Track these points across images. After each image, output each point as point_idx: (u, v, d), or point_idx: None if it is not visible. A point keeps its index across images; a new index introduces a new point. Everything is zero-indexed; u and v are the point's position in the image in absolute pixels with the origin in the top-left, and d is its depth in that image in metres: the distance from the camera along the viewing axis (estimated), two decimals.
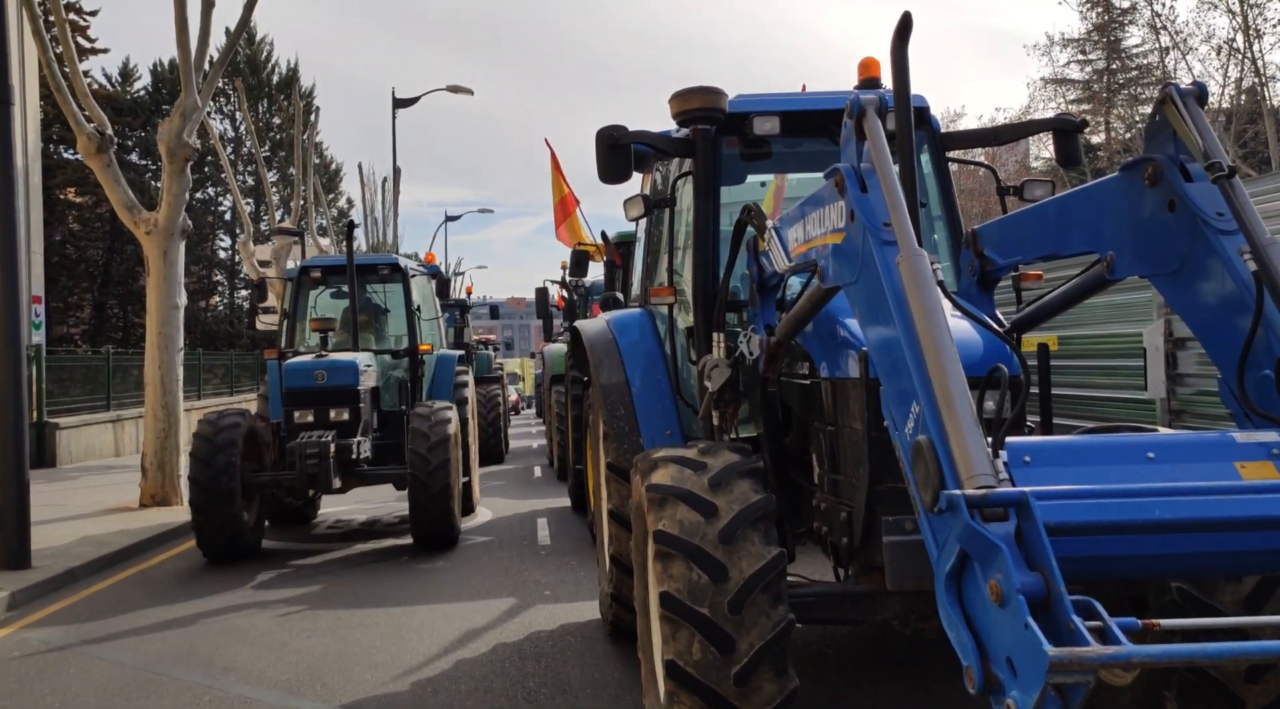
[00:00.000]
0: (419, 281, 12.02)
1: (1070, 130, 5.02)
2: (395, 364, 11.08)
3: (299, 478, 9.13)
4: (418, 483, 9.06)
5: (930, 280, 2.86)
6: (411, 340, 11.10)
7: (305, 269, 11.46)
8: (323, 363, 9.66)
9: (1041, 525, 2.30)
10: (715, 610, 3.52)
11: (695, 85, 4.85)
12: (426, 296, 12.25)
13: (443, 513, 9.21)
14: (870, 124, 3.24)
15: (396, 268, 11.54)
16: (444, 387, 11.37)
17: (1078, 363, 7.18)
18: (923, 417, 2.76)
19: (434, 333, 12.23)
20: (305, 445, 9.08)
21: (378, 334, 11.83)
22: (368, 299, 11.83)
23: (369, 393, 10.03)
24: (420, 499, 9.11)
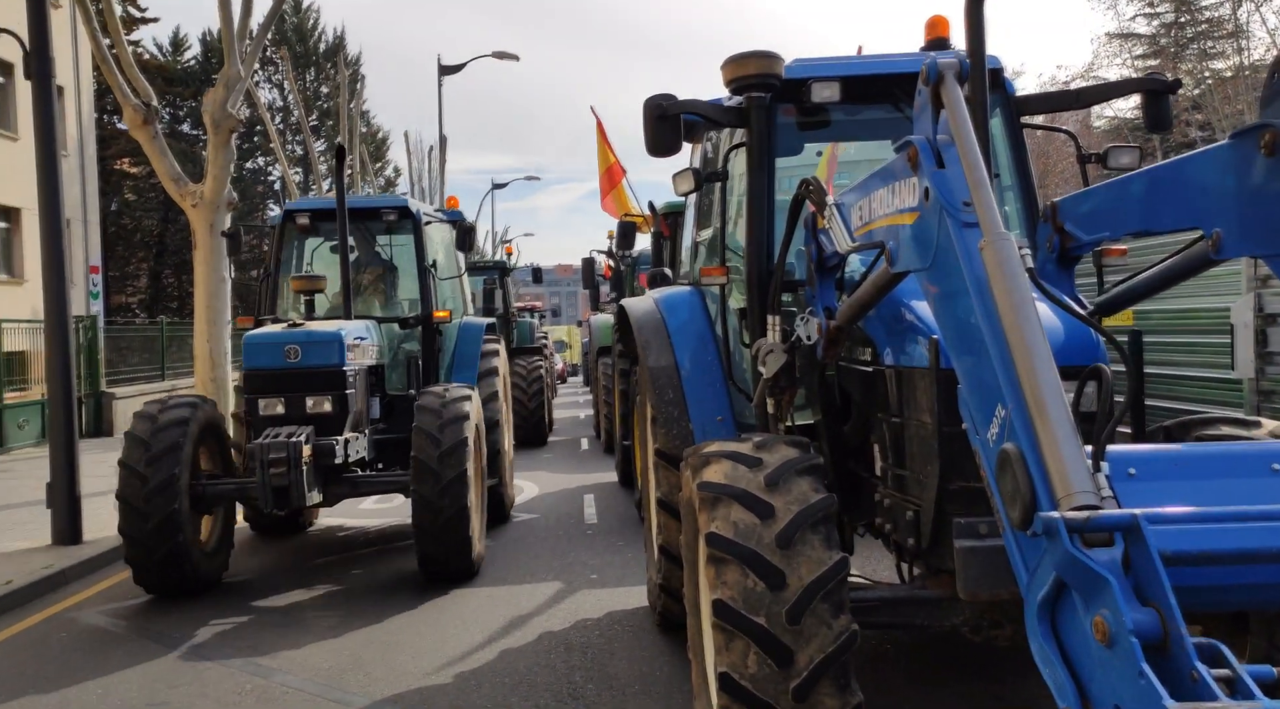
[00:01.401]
0: (435, 231, 9.61)
1: (1161, 91, 4.61)
2: (407, 335, 9.00)
3: (259, 490, 6.74)
4: (424, 504, 6.86)
5: (1018, 267, 2.56)
6: (425, 305, 8.85)
7: (290, 214, 9.01)
8: (295, 334, 7.32)
9: (1156, 554, 2.00)
10: (773, 620, 3.26)
11: (749, 50, 4.52)
12: (445, 250, 9.85)
13: (458, 544, 6.98)
14: (949, 91, 2.91)
15: (406, 213, 9.00)
16: (467, 363, 9.20)
17: (1157, 339, 6.76)
18: (1010, 421, 2.47)
19: (456, 296, 9.94)
20: (268, 448, 6.72)
21: (387, 298, 9.54)
22: (376, 253, 9.60)
23: (362, 374, 7.77)
24: (427, 525, 6.90)
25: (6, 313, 18.58)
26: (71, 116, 27.46)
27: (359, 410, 7.66)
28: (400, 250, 9.52)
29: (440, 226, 9.81)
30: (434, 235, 9.49)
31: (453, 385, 7.72)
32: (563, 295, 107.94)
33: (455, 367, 9.15)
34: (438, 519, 6.84)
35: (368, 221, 9.14)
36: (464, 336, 9.36)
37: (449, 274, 9.75)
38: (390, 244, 9.55)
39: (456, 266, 9.95)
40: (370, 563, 8.18)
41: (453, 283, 9.88)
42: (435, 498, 6.82)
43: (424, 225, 9.08)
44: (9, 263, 24.61)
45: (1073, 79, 32.82)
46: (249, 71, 13.06)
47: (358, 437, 7.53)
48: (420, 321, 8.80)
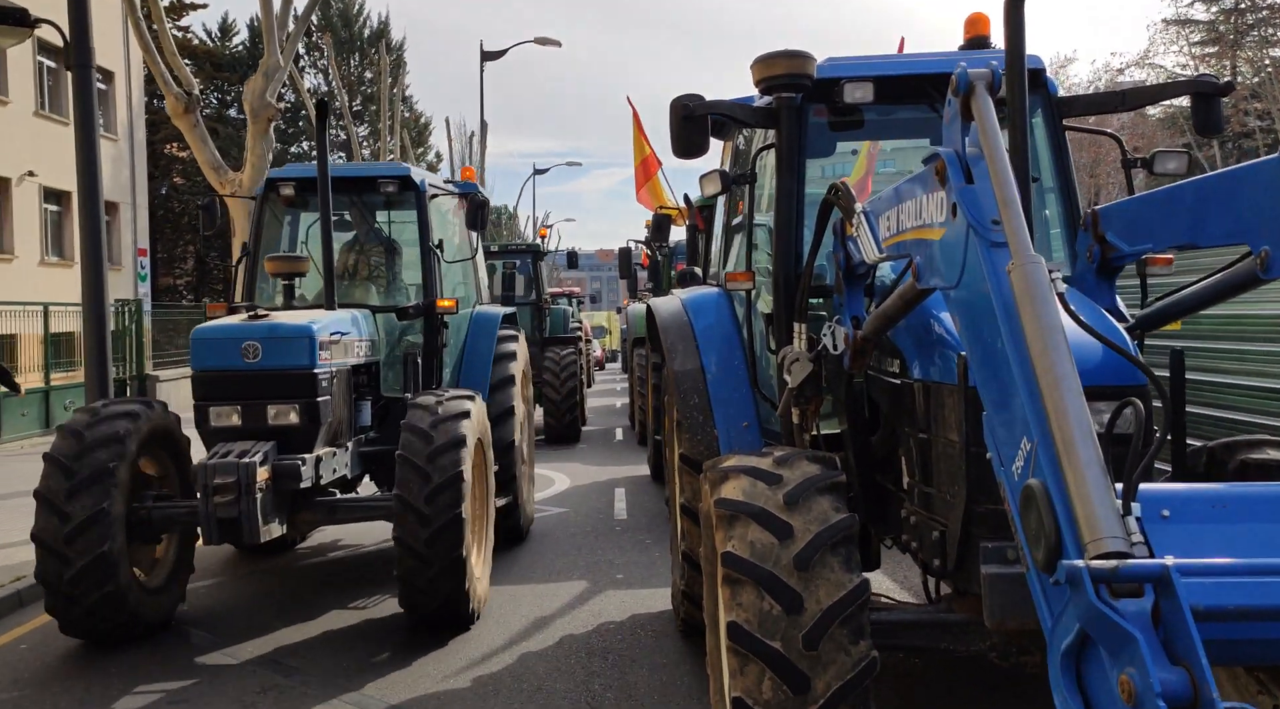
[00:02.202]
0: (442, 206, 8.16)
1: (1211, 93, 4.40)
2: (409, 327, 7.74)
3: (202, 522, 5.51)
4: (408, 551, 5.62)
5: (1048, 293, 2.41)
6: (428, 292, 7.48)
7: (273, 183, 7.63)
8: (255, 328, 5.98)
9: (1188, 609, 1.87)
10: (789, 645, 3.16)
11: (780, 49, 4.38)
12: (456, 228, 8.49)
13: (449, 596, 5.74)
14: (979, 103, 2.77)
15: (408, 183, 7.62)
16: (479, 359, 7.94)
17: (1205, 344, 6.52)
18: (1035, 455, 2.34)
19: (468, 281, 8.63)
20: (212, 469, 5.47)
21: (386, 283, 8.09)
22: (376, 231, 8.20)
23: (343, 376, 6.47)
24: (412, 575, 5.65)
25: (57, 295, 18.93)
26: (121, 101, 27.92)
27: (337, 420, 6.36)
28: (402, 228, 8.13)
29: (450, 201, 8.34)
30: (442, 210, 8.10)
31: (449, 394, 6.35)
32: (604, 280, 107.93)
33: (465, 363, 7.94)
34: (425, 571, 5.63)
35: (364, 194, 7.82)
36: (477, 329, 8.10)
37: (460, 255, 8.38)
38: (390, 220, 8.22)
39: (469, 247, 8.59)
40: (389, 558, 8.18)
41: (464, 267, 8.50)
42: (422, 547, 5.57)
43: (429, 198, 7.69)
44: (60, 245, 25.11)
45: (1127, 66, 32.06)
46: (288, 60, 13.13)
47: (336, 452, 6.29)
48: (421, 312, 7.45)
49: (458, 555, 5.63)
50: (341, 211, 7.89)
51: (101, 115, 25.82)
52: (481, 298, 8.76)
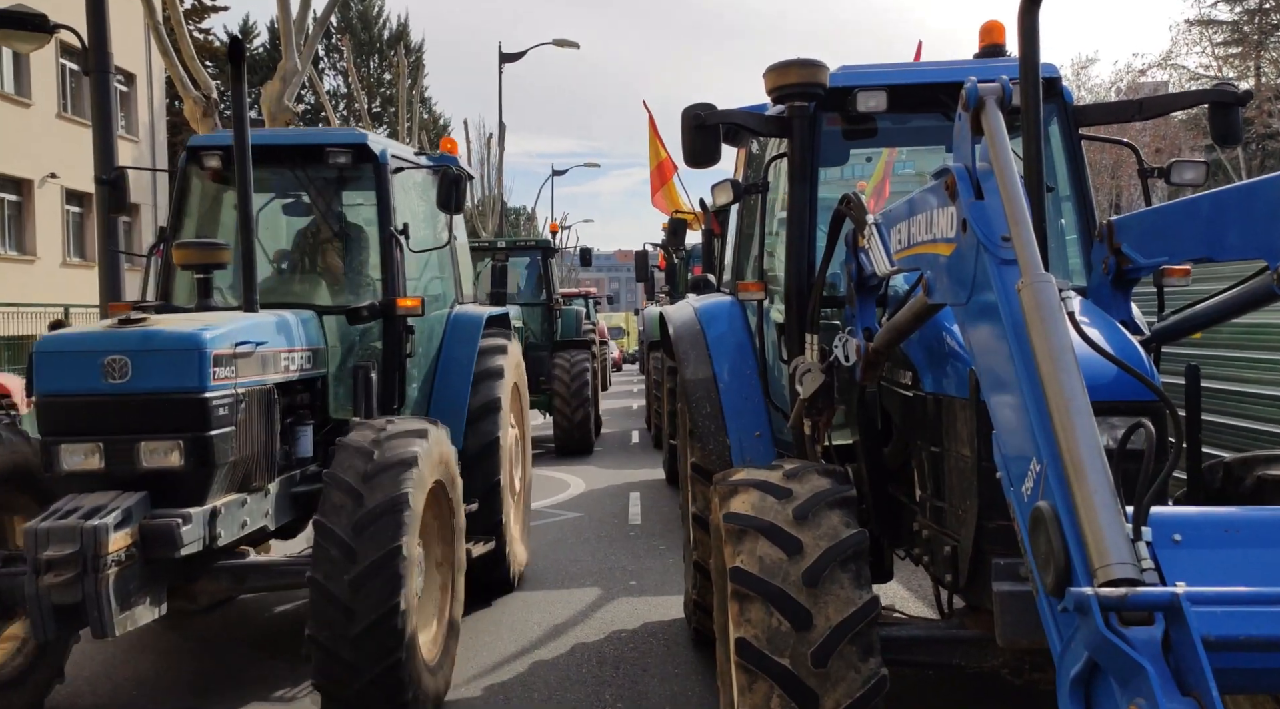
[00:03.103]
0: (410, 183, 6.55)
1: (1230, 103, 4.34)
2: (368, 331, 6.11)
3: (31, 610, 4.03)
4: (325, 602, 4.32)
5: (1058, 312, 2.39)
6: (387, 288, 5.96)
7: (195, 153, 6.06)
8: (123, 337, 4.46)
9: (1198, 639, 1.85)
10: (797, 663, 3.14)
11: (793, 58, 4.36)
12: (426, 210, 6.74)
13: (380, 676, 4.35)
14: (989, 118, 2.74)
15: (364, 153, 6.07)
16: (455, 375, 6.53)
17: (1222, 353, 6.44)
18: (1044, 477, 2.31)
19: (445, 276, 7.04)
20: (46, 536, 4.01)
21: (346, 278, 6.41)
22: (330, 213, 6.50)
23: (256, 400, 4.85)
24: (332, 644, 4.32)
25: (79, 297, 19.10)
26: (143, 102, 28.17)
27: (250, 457, 4.80)
28: (365, 211, 6.52)
29: (420, 177, 6.69)
30: (409, 188, 6.53)
31: (395, 422, 4.92)
32: (621, 281, 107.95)
33: (439, 378, 6.53)
34: (346, 635, 4.26)
35: (309, 167, 6.25)
36: (455, 334, 6.64)
37: (426, 241, 6.56)
38: (342, 199, 6.61)
39: (446, 231, 6.75)
40: None
41: (439, 258, 6.91)
42: (345, 593, 4.26)
43: (391, 172, 6.12)
44: (82, 247, 25.35)
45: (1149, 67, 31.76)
46: (306, 64, 13.18)
47: (247, 499, 4.78)
48: (377, 313, 5.89)
49: (393, 607, 4.27)
50: (299, 192, 6.48)
51: (123, 117, 26.06)
52: (462, 295, 7.16)
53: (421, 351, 6.42)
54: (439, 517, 5.23)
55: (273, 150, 6.03)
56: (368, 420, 5.13)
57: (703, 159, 4.51)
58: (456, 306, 6.97)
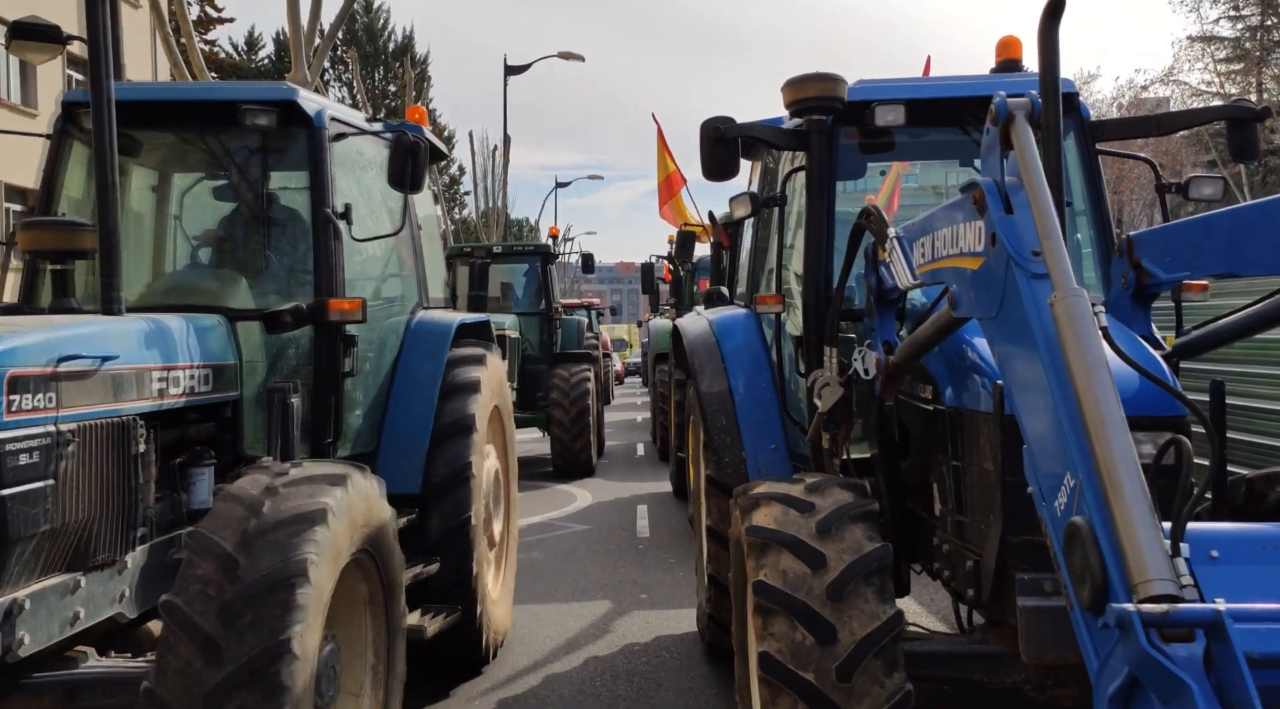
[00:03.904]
0: (358, 156, 5.23)
1: (1248, 119, 4.36)
2: (295, 343, 4.76)
3: None
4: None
5: (1092, 326, 2.39)
6: (319, 286, 4.71)
7: (72, 110, 4.87)
8: None
9: (1241, 656, 1.84)
10: (822, 678, 3.12)
11: (811, 72, 4.38)
12: (377, 191, 5.31)
13: None
14: (1019, 133, 2.75)
15: (294, 115, 4.76)
16: (414, 397, 5.25)
17: (1239, 369, 6.44)
18: (1080, 492, 2.31)
19: (405, 273, 5.71)
20: None
21: (268, 274, 5.01)
22: (248, 190, 5.07)
23: (102, 440, 3.50)
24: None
25: None
26: None
27: (83, 522, 3.39)
28: (292, 188, 5.10)
29: (370, 148, 5.29)
30: (357, 163, 5.19)
31: (305, 466, 3.63)
32: (624, 293, 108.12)
33: (393, 401, 5.23)
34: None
35: (225, 132, 4.86)
36: (416, 345, 5.38)
37: (375, 227, 5.11)
38: (263, 171, 5.03)
39: (401, 216, 5.02)
40: None
41: (397, 253, 5.59)
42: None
43: (330, 140, 4.81)
44: None
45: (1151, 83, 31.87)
46: (315, 76, 13.22)
47: (82, 582, 3.40)
48: (303, 318, 4.59)
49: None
50: (219, 166, 5.13)
51: None
52: (428, 299, 5.80)
53: (369, 368, 5.09)
54: (367, 603, 3.86)
55: (173, 109, 4.78)
56: (270, 463, 3.84)
57: (721, 172, 4.52)
58: (420, 312, 5.58)
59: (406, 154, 4.80)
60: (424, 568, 4.90)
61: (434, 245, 6.33)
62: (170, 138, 5.09)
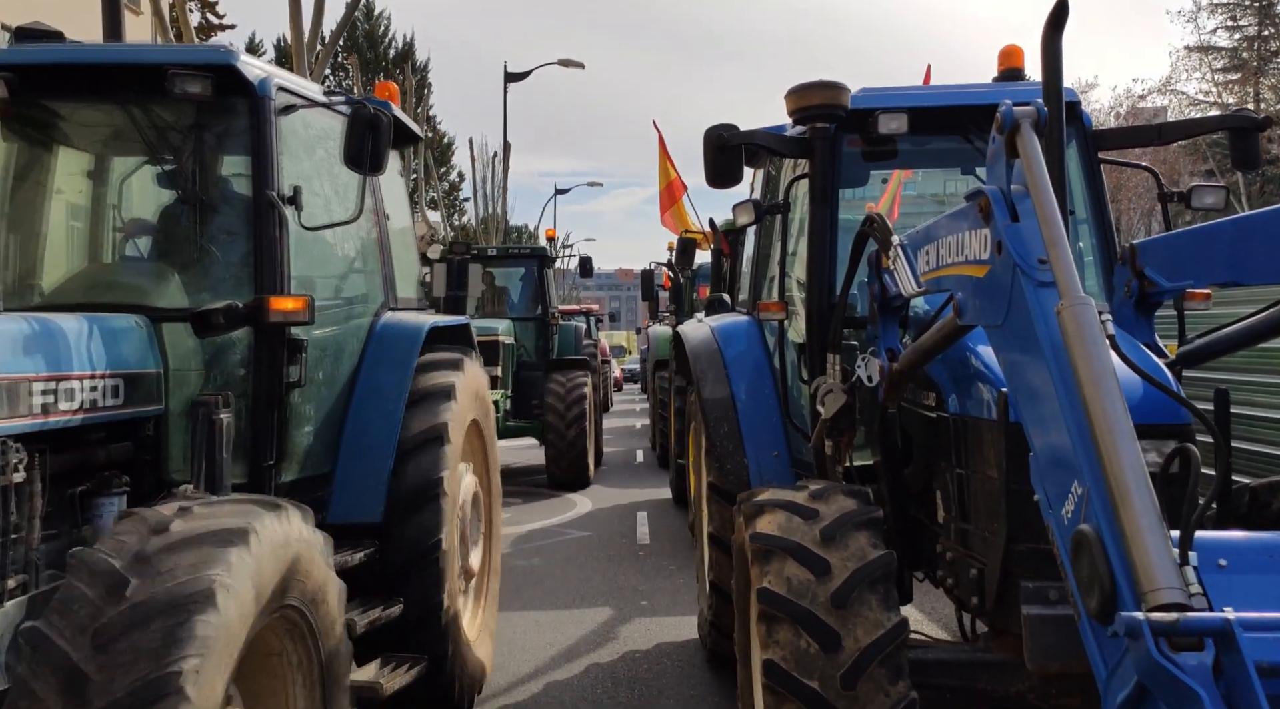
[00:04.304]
0: (310, 128, 4.52)
1: (1249, 128, 4.37)
2: (232, 344, 4.12)
3: None
4: None
5: (1099, 334, 2.39)
6: (260, 283, 4.05)
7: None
8: None
9: (1252, 665, 1.84)
10: (826, 685, 3.13)
11: (815, 80, 4.39)
12: (332, 172, 4.56)
13: None
14: (1025, 141, 2.75)
15: (234, 82, 4.05)
16: (378, 411, 4.63)
17: (1240, 377, 6.44)
18: (1088, 500, 2.31)
19: (369, 268, 4.98)
20: None
21: (201, 266, 4.28)
22: (211, 177, 4.37)
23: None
24: None
25: None
26: None
27: None
28: (234, 168, 4.38)
29: (324, 122, 4.56)
30: (304, 136, 4.45)
31: (196, 511, 2.91)
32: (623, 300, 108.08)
33: (355, 414, 4.59)
34: None
35: (147, 102, 4.16)
36: (380, 351, 4.74)
37: (337, 216, 4.39)
38: (198, 149, 4.25)
39: (363, 202, 4.37)
40: None
41: (360, 246, 4.90)
42: None
43: (274, 113, 4.13)
44: None
45: (1149, 93, 31.95)
46: (317, 81, 13.26)
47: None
48: (237, 318, 3.91)
49: None
50: (163, 154, 4.34)
51: None
52: (395, 299, 5.05)
53: (323, 378, 4.45)
54: (296, 669, 3.21)
55: (90, 74, 4.07)
56: (160, 504, 3.00)
57: (725, 179, 4.53)
58: (386, 314, 4.91)
59: (365, 128, 4.14)
60: (383, 611, 4.18)
61: (406, 238, 5.56)
62: (94, 112, 4.34)
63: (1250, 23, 33.34)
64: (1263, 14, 32.77)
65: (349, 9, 14.35)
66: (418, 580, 4.44)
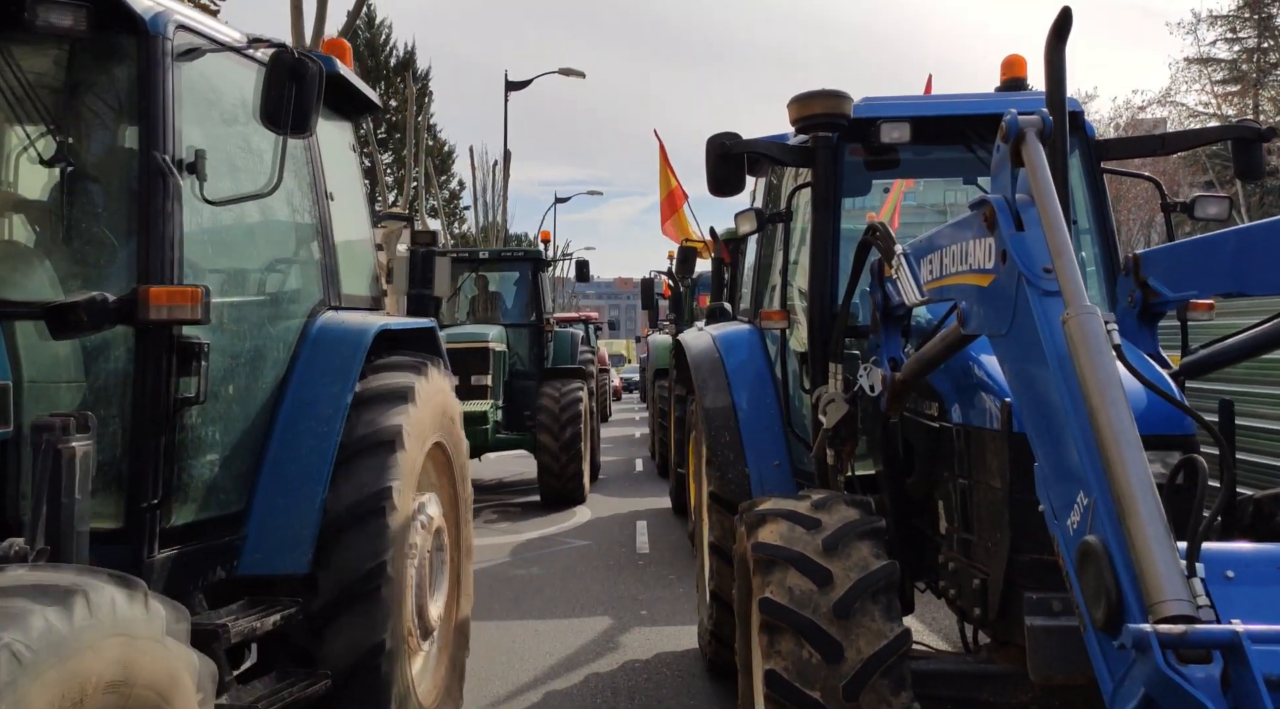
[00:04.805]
0: (223, 82, 3.64)
1: (1252, 139, 4.37)
2: (108, 352, 3.27)
3: None
4: None
5: (1105, 344, 2.38)
6: (143, 271, 3.18)
7: None
8: None
9: (1260, 678, 1.83)
10: (828, 696, 3.11)
11: (817, 89, 4.39)
12: (248, 135, 3.69)
13: None
14: (1030, 151, 2.75)
15: (116, 16, 3.19)
16: (308, 432, 3.76)
17: (1242, 388, 6.44)
18: (1094, 511, 2.30)
19: (304, 260, 4.14)
20: None
21: (67, 249, 3.42)
22: (89, 137, 3.50)
23: None
24: None
25: None
26: None
27: None
28: (115, 126, 3.51)
29: (238, 72, 3.73)
30: (211, 90, 3.62)
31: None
32: (622, 309, 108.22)
33: (278, 435, 3.77)
34: None
35: (17, 46, 3.24)
36: (314, 358, 3.93)
37: (249, 188, 3.53)
38: (70, 99, 3.44)
39: (281, 171, 3.42)
40: None
41: (292, 231, 4.10)
42: None
43: (170, 58, 3.32)
44: None
45: (1148, 104, 32.02)
46: None
47: None
48: (103, 314, 3.08)
49: None
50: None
51: None
52: (333, 295, 4.20)
53: (234, 392, 3.60)
54: None
55: None
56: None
57: (727, 188, 4.53)
58: (325, 314, 4.07)
59: (286, 78, 3.32)
60: (304, 688, 3.38)
61: (358, 225, 4.62)
62: None
63: (1250, 35, 33.42)
64: (1262, 26, 32.85)
65: (350, 17, 14.38)
66: (350, 623, 3.50)
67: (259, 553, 3.16)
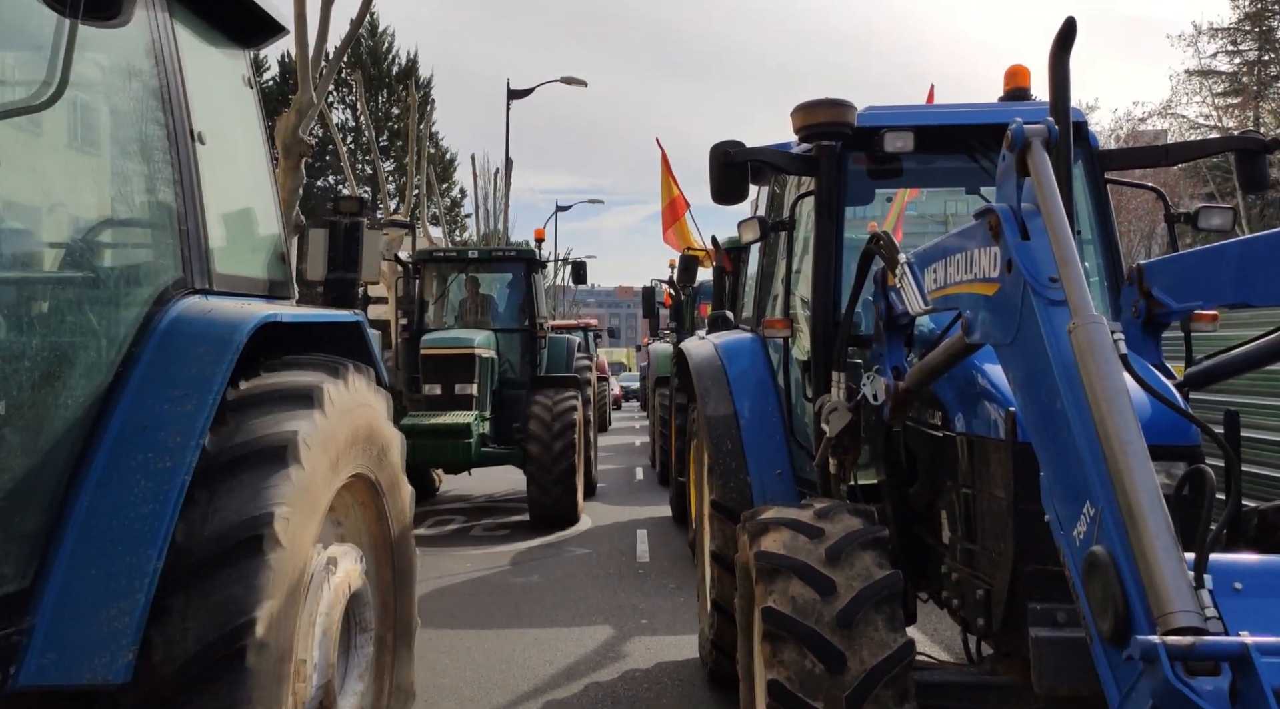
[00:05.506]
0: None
1: (1256, 150, 4.37)
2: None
3: None
4: None
5: (1111, 354, 2.37)
6: None
7: None
8: None
9: (1269, 691, 1.81)
10: (831, 706, 3.09)
11: (821, 97, 4.39)
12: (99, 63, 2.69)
13: None
14: (1036, 159, 2.74)
15: None
16: (141, 473, 2.51)
17: (1246, 400, 6.42)
18: (1101, 521, 2.28)
19: (159, 224, 2.95)
20: None
21: None
22: None
23: None
24: None
25: None
26: None
27: None
28: None
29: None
30: None
31: None
32: (622, 317, 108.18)
33: (93, 479, 2.55)
34: None
35: None
36: (159, 363, 2.76)
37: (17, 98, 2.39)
38: None
39: (66, 73, 2.28)
40: (421, 589, 8.09)
41: (140, 181, 2.94)
42: None
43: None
44: None
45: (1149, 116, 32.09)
46: (321, 97, 13.28)
47: None
48: None
49: None
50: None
51: None
52: (199, 276, 3.10)
53: (13, 414, 2.42)
54: None
55: None
56: None
57: (730, 196, 4.53)
58: (184, 300, 3.00)
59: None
60: None
61: (253, 184, 3.62)
62: None
63: (1250, 47, 33.51)
64: (1263, 39, 32.95)
65: (353, 25, 14.40)
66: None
67: (52, 654, 2.19)
